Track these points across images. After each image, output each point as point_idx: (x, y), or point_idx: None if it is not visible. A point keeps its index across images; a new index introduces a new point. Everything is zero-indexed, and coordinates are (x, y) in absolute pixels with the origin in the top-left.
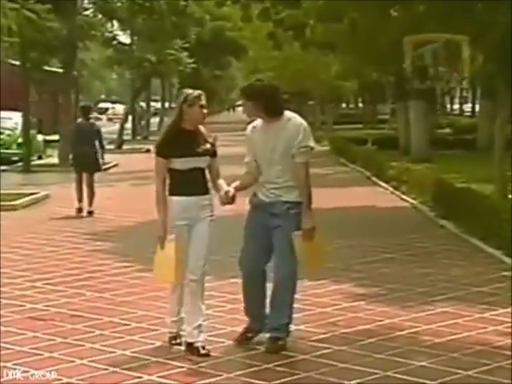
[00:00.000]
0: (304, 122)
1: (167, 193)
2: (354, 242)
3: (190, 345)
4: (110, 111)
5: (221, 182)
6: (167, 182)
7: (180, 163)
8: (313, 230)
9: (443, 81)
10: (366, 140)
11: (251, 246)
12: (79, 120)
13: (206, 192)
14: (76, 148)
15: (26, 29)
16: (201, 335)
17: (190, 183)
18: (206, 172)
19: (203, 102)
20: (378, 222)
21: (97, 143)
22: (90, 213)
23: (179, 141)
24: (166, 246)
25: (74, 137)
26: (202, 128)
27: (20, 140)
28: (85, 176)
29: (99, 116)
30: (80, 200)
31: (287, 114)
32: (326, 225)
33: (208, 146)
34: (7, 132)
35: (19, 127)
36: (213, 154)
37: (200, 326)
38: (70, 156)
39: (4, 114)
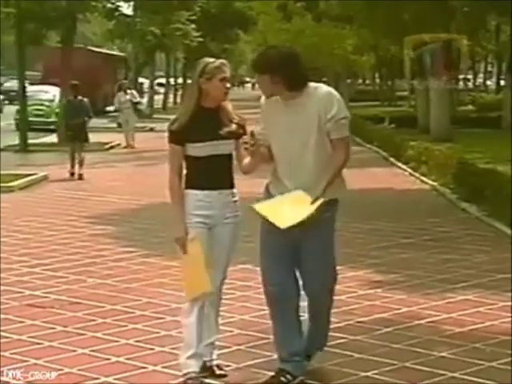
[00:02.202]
0: (333, 90)
1: (183, 186)
2: (370, 226)
3: (202, 364)
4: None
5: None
6: (184, 172)
7: (198, 149)
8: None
9: (442, 81)
10: (383, 118)
11: (274, 270)
12: (70, 97)
13: (230, 186)
14: (68, 122)
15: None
16: (214, 352)
17: (211, 174)
18: (232, 160)
19: (226, 73)
20: (396, 206)
21: (85, 117)
22: (80, 176)
23: (197, 122)
24: (189, 249)
25: (65, 112)
26: (227, 105)
27: (57, 110)
28: (76, 145)
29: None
30: (72, 166)
31: (310, 84)
32: (341, 208)
33: (234, 127)
34: (46, 103)
35: (56, 99)
36: (240, 135)
37: (213, 342)
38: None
39: (41, 87)
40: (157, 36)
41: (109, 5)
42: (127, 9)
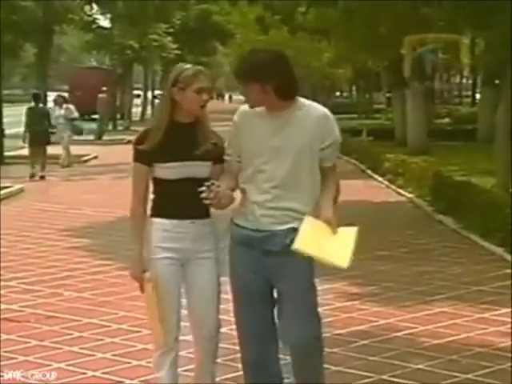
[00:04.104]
0: (327, 110)
1: (149, 213)
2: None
3: None
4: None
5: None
6: (150, 196)
7: (168, 170)
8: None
9: (442, 81)
10: (361, 130)
11: (247, 313)
12: (32, 105)
13: (205, 214)
14: (31, 127)
15: None
16: None
17: (182, 200)
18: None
19: (203, 83)
20: (373, 218)
21: (46, 123)
22: (42, 177)
23: (168, 139)
24: (146, 290)
25: (28, 119)
26: (205, 120)
27: None
28: (39, 149)
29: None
30: (33, 168)
31: (301, 99)
32: None
33: (211, 146)
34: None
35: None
36: (217, 158)
37: None
38: (26, 134)
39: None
40: (134, 48)
41: (86, 17)
42: (104, 21)
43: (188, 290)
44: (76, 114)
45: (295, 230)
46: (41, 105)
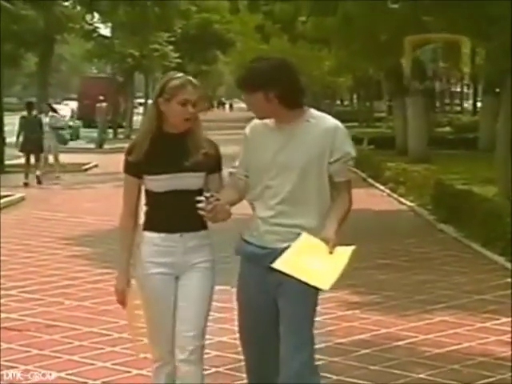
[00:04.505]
0: (339, 123)
1: (141, 227)
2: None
3: None
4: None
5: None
6: (142, 209)
7: (157, 182)
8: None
9: (443, 81)
10: (362, 139)
11: (252, 332)
12: (24, 113)
13: (199, 227)
14: (25, 136)
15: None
16: None
17: (171, 213)
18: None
19: (189, 95)
20: (374, 226)
21: (39, 131)
22: (39, 181)
23: (157, 149)
24: (129, 306)
25: (21, 127)
26: (197, 129)
27: (70, 123)
28: (32, 156)
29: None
30: (26, 177)
31: (312, 110)
32: None
33: (203, 157)
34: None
35: (68, 116)
36: (211, 168)
37: None
38: (20, 142)
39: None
40: (135, 57)
41: (87, 26)
42: (105, 29)
43: (179, 300)
44: (62, 123)
45: None
46: (34, 113)
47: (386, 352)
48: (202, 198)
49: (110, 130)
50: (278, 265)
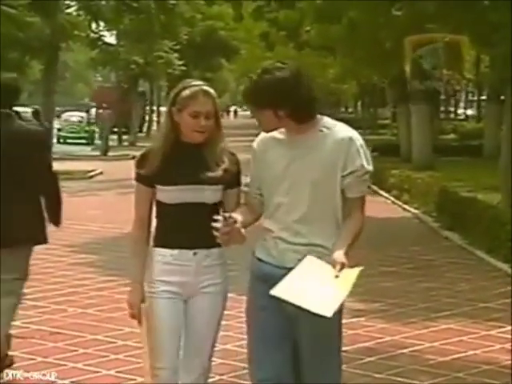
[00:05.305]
0: (356, 133)
1: (151, 241)
2: (352, 255)
3: None
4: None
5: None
6: (153, 223)
7: (170, 194)
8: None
9: (443, 81)
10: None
11: (263, 359)
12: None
13: (213, 243)
14: None
15: (4, 26)
16: None
17: (185, 227)
18: (217, 212)
19: (200, 107)
20: (379, 234)
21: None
22: None
23: (171, 159)
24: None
25: None
26: (217, 140)
27: (86, 128)
28: None
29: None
30: None
31: (326, 119)
32: None
33: (221, 170)
34: (77, 124)
35: (84, 120)
36: (229, 183)
37: None
38: None
39: (72, 113)
40: (140, 65)
41: (92, 34)
42: (110, 37)
43: (188, 326)
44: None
45: None
46: (41, 121)
47: (391, 360)
48: (220, 218)
49: (115, 137)
50: (277, 291)
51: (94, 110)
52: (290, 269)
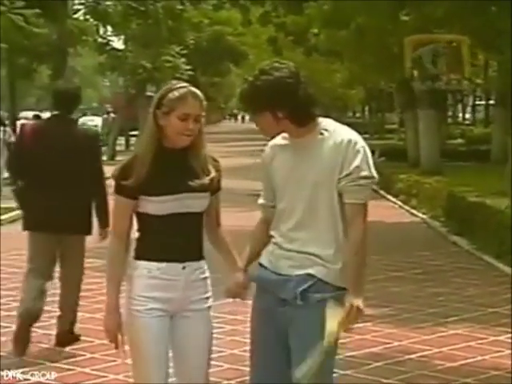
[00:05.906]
0: (358, 136)
1: (131, 254)
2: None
3: None
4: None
5: (229, 247)
6: (134, 235)
7: (157, 205)
8: (355, 311)
9: (443, 81)
10: (374, 151)
11: (260, 366)
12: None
13: (199, 255)
14: None
15: (12, 34)
16: None
17: (173, 239)
18: (202, 220)
19: (190, 108)
20: (387, 239)
21: None
22: None
23: (157, 168)
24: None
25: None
26: (201, 145)
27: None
28: None
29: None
30: None
31: (327, 122)
32: None
33: (208, 176)
34: (93, 128)
35: (99, 125)
36: (215, 188)
37: None
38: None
39: (88, 118)
40: (148, 69)
41: (100, 39)
42: (118, 42)
43: (174, 348)
44: (12, 139)
45: (312, 277)
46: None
47: (398, 365)
48: (234, 284)
49: (122, 142)
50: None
51: (111, 115)
52: (284, 275)
